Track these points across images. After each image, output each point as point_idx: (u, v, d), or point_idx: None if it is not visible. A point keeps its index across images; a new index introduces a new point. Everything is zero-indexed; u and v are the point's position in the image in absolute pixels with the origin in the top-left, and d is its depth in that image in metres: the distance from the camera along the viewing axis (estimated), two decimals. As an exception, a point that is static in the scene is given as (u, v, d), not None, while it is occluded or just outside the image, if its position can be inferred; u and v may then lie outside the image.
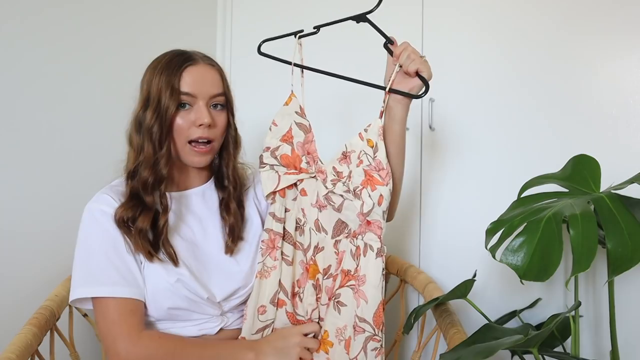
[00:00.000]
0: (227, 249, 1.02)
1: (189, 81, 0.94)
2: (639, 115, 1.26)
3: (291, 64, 1.07)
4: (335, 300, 0.98)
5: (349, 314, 0.97)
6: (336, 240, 1.01)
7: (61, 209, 1.24)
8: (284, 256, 1.02)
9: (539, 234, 0.94)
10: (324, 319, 1.01)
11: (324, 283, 1.02)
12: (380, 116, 0.96)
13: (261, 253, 1.02)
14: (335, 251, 1.01)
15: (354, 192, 0.95)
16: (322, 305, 1.02)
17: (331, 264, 1.02)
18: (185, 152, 0.97)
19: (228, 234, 1.03)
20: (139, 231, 0.92)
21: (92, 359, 1.27)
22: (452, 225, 1.44)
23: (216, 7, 1.75)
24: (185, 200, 1.03)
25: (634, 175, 1.02)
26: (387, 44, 0.96)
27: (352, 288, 0.97)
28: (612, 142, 1.27)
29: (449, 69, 1.42)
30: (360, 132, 0.98)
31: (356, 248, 0.97)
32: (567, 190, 1.10)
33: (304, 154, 1.05)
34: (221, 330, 1.00)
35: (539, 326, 1.26)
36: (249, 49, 1.79)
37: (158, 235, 0.94)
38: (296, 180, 1.04)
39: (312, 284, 1.02)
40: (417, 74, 0.91)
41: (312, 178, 1.04)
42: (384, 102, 0.95)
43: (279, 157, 1.05)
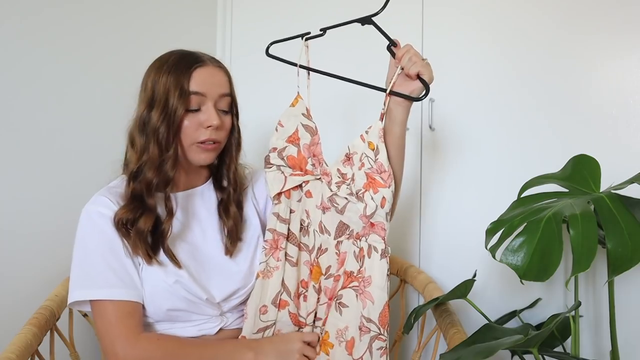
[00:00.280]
0: (226, 251, 1.02)
1: (198, 81, 0.94)
2: (639, 115, 1.26)
3: (297, 65, 1.07)
4: (337, 302, 0.98)
5: (351, 315, 0.97)
6: (338, 241, 1.02)
7: (61, 209, 1.24)
8: (288, 257, 1.03)
9: (539, 234, 0.94)
10: (325, 320, 1.01)
11: (324, 283, 1.02)
12: (380, 118, 0.96)
13: (264, 253, 1.02)
14: (336, 252, 1.02)
15: (357, 195, 0.96)
16: (321, 305, 1.02)
17: (331, 265, 1.02)
18: (193, 150, 0.97)
19: (227, 236, 1.02)
20: (139, 233, 0.91)
21: (92, 359, 1.27)
22: (453, 225, 1.44)
23: (216, 7, 1.75)
24: (183, 200, 1.03)
25: (634, 175, 1.02)
26: (390, 46, 0.96)
27: (355, 289, 0.97)
28: (612, 142, 1.27)
29: (449, 69, 1.42)
30: (362, 134, 0.98)
31: (359, 250, 0.98)
32: (567, 190, 1.10)
33: (309, 155, 1.06)
34: (220, 330, 1.00)
35: (539, 326, 1.26)
36: (249, 48, 1.80)
37: (161, 238, 0.93)
38: (302, 182, 1.05)
39: (313, 285, 1.03)
40: (418, 77, 0.92)
41: (317, 180, 1.05)
42: (384, 105, 0.96)
43: (285, 158, 1.06)
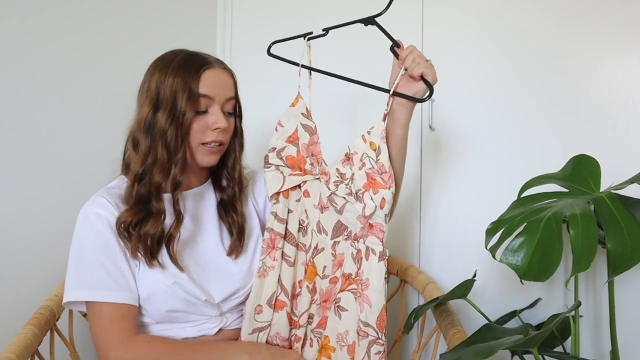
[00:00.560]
0: (230, 251, 1.01)
1: (207, 84, 0.93)
2: (639, 115, 1.26)
3: (299, 65, 1.08)
4: (336, 305, 0.98)
5: (351, 318, 0.96)
6: (335, 242, 1.01)
7: (61, 209, 1.24)
8: (285, 257, 1.02)
9: (539, 234, 0.94)
10: (320, 323, 1.00)
11: (319, 284, 1.02)
12: (383, 119, 0.96)
13: (262, 251, 1.02)
14: (332, 252, 1.01)
15: (356, 195, 0.96)
16: (316, 305, 1.02)
17: (327, 265, 1.02)
18: (199, 152, 0.97)
19: (235, 235, 1.02)
20: (145, 236, 0.91)
21: (92, 359, 1.26)
22: (453, 225, 1.44)
23: (216, 6, 1.75)
24: (182, 201, 1.02)
25: (634, 175, 1.02)
26: (394, 46, 0.96)
27: (353, 292, 0.96)
28: (612, 142, 1.27)
29: (449, 69, 1.41)
30: (363, 134, 0.98)
31: (357, 251, 0.97)
32: (567, 190, 1.10)
33: (308, 155, 1.05)
34: (220, 330, 1.00)
35: (539, 326, 1.26)
36: (249, 48, 1.80)
37: (168, 242, 0.93)
38: (300, 182, 1.05)
39: (307, 285, 1.02)
40: (422, 78, 0.91)
41: (315, 180, 1.04)
42: (387, 105, 0.96)
43: (284, 158, 1.06)
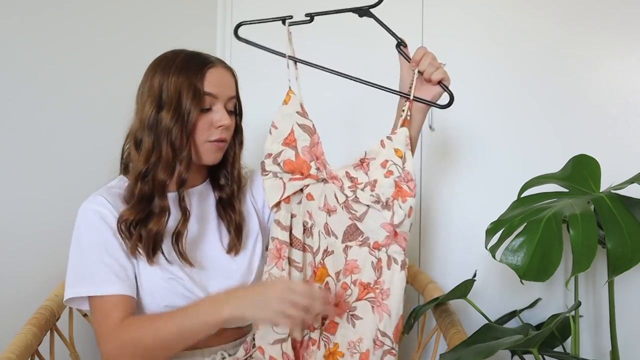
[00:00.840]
0: (229, 249, 1.02)
1: (212, 82, 0.94)
2: (639, 116, 1.26)
3: (285, 56, 0.99)
4: (350, 314, 0.95)
5: (366, 327, 0.93)
6: (346, 246, 0.97)
7: (61, 209, 1.23)
8: (293, 263, 0.98)
9: (539, 234, 0.94)
10: (328, 326, 0.97)
11: (332, 284, 0.98)
12: (404, 124, 0.93)
13: (267, 261, 1.00)
14: (344, 256, 0.97)
15: (386, 204, 0.92)
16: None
17: (340, 269, 0.98)
18: (205, 149, 0.97)
19: (234, 232, 1.02)
20: (147, 233, 0.91)
21: (92, 359, 1.27)
22: (453, 225, 1.44)
23: (216, 7, 1.75)
24: (187, 198, 1.03)
25: (634, 175, 1.02)
26: (400, 45, 0.94)
27: (371, 301, 0.94)
28: (612, 142, 1.28)
29: (449, 69, 1.41)
30: (382, 140, 0.94)
31: (378, 260, 0.94)
32: (567, 190, 1.10)
33: (312, 159, 0.99)
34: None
35: (539, 326, 1.26)
36: (248, 47, 1.80)
37: (177, 238, 0.93)
38: (302, 186, 1.00)
39: (318, 287, 0.99)
40: (439, 83, 0.91)
41: (318, 183, 0.99)
42: (406, 110, 0.93)
43: (281, 163, 0.99)
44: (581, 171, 1.10)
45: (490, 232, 1.04)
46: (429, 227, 1.47)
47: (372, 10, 0.98)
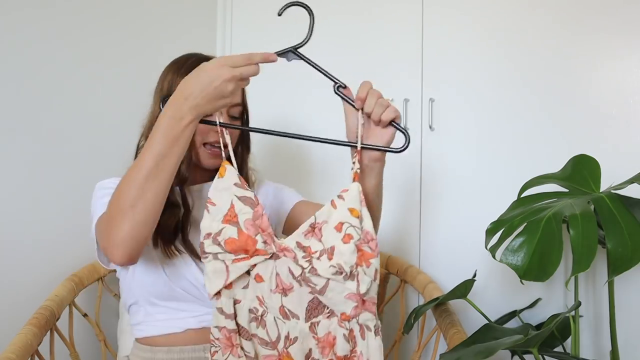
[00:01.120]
0: None
1: None
2: (639, 115, 1.26)
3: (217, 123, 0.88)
4: None
5: None
6: (312, 324, 0.85)
7: (61, 209, 1.24)
8: (246, 353, 0.88)
9: (539, 234, 0.94)
10: None
11: None
12: (355, 179, 0.81)
13: (221, 352, 0.89)
14: (313, 335, 0.86)
15: (350, 274, 0.80)
16: None
17: (311, 348, 0.86)
18: (201, 153, 0.99)
19: None
20: (162, 227, 0.91)
21: (92, 359, 1.27)
22: (452, 225, 1.44)
23: (216, 7, 1.75)
24: (192, 195, 1.04)
25: (634, 175, 1.02)
26: (339, 87, 0.82)
27: None
28: (612, 142, 1.28)
29: (449, 69, 1.42)
30: (333, 200, 0.81)
31: (349, 331, 0.84)
32: (567, 190, 1.10)
33: (257, 232, 0.85)
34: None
35: (539, 326, 1.26)
36: (249, 48, 1.79)
37: (182, 230, 0.95)
38: (248, 267, 0.86)
39: None
40: (391, 123, 0.80)
41: (268, 260, 0.86)
42: (355, 162, 0.81)
43: (222, 242, 0.85)
44: (581, 171, 1.10)
45: (490, 232, 1.04)
46: (429, 227, 1.47)
47: (299, 49, 0.86)
